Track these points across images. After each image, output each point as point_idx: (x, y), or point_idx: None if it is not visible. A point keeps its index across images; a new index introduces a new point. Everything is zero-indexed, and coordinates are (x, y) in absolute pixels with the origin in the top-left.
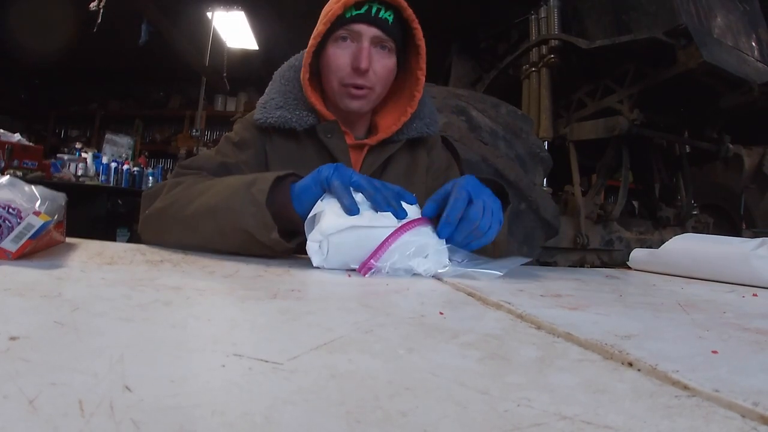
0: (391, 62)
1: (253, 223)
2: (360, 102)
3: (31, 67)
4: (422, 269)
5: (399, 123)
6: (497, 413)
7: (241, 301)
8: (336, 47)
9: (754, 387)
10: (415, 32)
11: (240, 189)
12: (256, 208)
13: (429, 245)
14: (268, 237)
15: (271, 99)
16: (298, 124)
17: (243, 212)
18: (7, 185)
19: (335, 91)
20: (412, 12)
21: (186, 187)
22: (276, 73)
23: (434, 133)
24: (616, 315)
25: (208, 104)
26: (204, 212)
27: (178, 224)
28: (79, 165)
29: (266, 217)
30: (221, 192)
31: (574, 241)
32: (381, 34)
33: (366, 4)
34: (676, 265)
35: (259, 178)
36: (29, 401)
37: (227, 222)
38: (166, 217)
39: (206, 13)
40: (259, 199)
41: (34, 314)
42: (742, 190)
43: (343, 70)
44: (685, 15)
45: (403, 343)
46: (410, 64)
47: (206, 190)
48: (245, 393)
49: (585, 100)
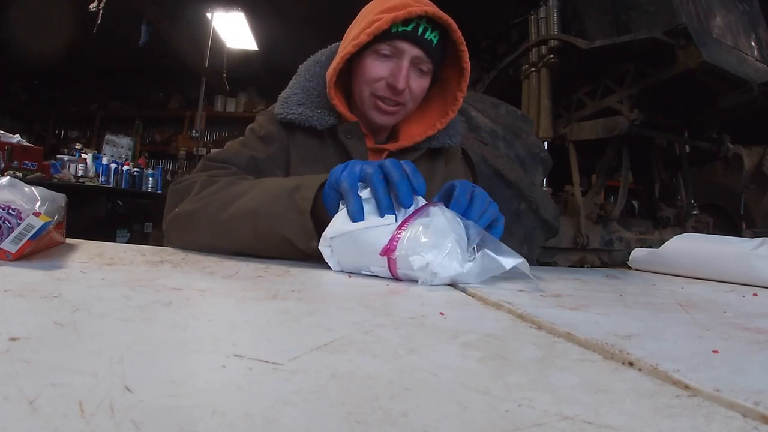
0: (426, 82)
1: (295, 230)
2: (389, 118)
3: (31, 67)
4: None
5: (424, 136)
6: (498, 413)
7: (241, 302)
8: (375, 59)
9: (755, 386)
10: (462, 54)
11: (283, 194)
12: (300, 215)
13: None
14: (308, 245)
15: (294, 94)
16: (318, 123)
17: (286, 218)
18: (7, 186)
19: (364, 99)
20: (461, 35)
21: (221, 187)
22: (301, 67)
23: (456, 144)
24: (617, 315)
25: (207, 105)
26: (243, 216)
27: (213, 227)
28: (79, 166)
29: (308, 224)
30: (261, 196)
31: (574, 241)
32: (423, 56)
33: (414, 21)
34: (676, 265)
35: (303, 185)
36: (29, 402)
37: (267, 227)
38: (199, 219)
39: (206, 14)
40: (303, 207)
41: (34, 315)
42: (742, 190)
43: (377, 83)
44: (685, 15)
45: (404, 344)
46: (448, 80)
47: (245, 193)
48: (245, 393)
49: (585, 100)
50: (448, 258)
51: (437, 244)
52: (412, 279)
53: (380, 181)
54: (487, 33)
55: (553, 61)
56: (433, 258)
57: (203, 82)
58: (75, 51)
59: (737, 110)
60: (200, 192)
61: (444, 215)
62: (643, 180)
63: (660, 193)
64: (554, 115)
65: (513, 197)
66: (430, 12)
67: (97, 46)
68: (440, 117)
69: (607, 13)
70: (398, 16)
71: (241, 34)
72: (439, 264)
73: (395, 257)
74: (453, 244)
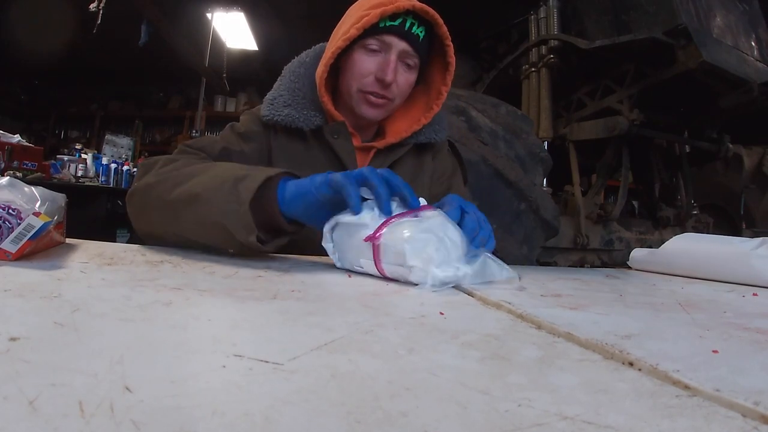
0: (413, 77)
1: (234, 220)
2: (377, 111)
3: (31, 68)
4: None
5: (410, 131)
6: (498, 413)
7: (241, 302)
8: (363, 54)
9: (754, 386)
10: (447, 49)
11: (227, 182)
12: (239, 206)
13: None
14: (246, 238)
15: (280, 96)
16: (305, 124)
17: (225, 208)
18: (7, 186)
19: (352, 95)
20: (446, 30)
21: (177, 167)
22: (286, 68)
23: (442, 139)
24: (617, 315)
25: (207, 105)
26: (186, 199)
27: (160, 207)
28: (79, 166)
29: (247, 217)
30: (208, 181)
31: (574, 241)
32: (410, 50)
33: (401, 17)
34: (676, 265)
35: (249, 175)
36: (29, 402)
37: (208, 214)
38: (149, 197)
39: (206, 14)
40: (244, 198)
41: (34, 315)
42: (742, 190)
43: (366, 77)
44: (685, 15)
45: (404, 344)
46: (431, 77)
47: (195, 175)
48: (245, 393)
49: (585, 100)
50: (433, 256)
51: (419, 239)
52: (397, 276)
53: (380, 179)
54: (487, 33)
55: (553, 61)
56: (410, 249)
57: (203, 82)
58: (75, 51)
59: (737, 110)
60: (160, 168)
61: (439, 218)
62: (643, 180)
63: (660, 193)
64: (554, 115)
65: (513, 197)
66: (417, 7)
67: (97, 46)
68: (424, 112)
69: (607, 13)
70: (386, 10)
71: (241, 34)
72: (423, 260)
73: (378, 244)
74: (437, 243)
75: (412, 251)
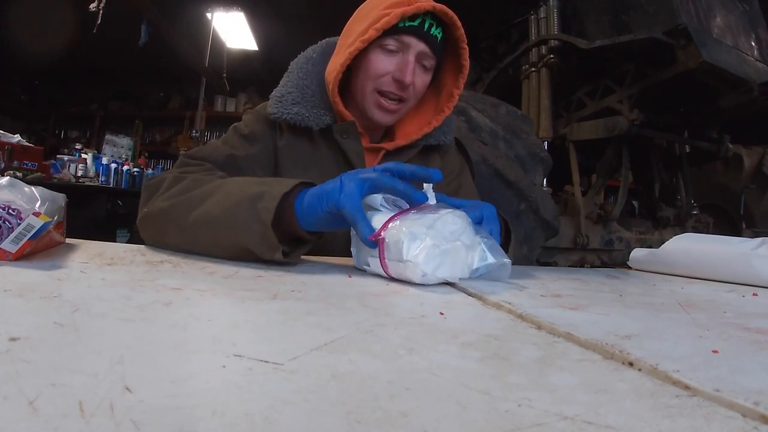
0: (428, 79)
1: (257, 241)
2: (390, 116)
3: (31, 68)
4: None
5: (420, 133)
6: (498, 413)
7: (241, 302)
8: (380, 53)
9: (754, 386)
10: (462, 52)
11: (244, 202)
12: (261, 227)
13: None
14: (272, 256)
15: (288, 93)
16: (314, 123)
17: (246, 230)
18: (7, 186)
19: (366, 95)
20: (464, 32)
21: (187, 187)
22: (292, 64)
23: (450, 141)
24: (617, 315)
25: (207, 105)
26: (205, 223)
27: (178, 231)
28: (79, 166)
29: (270, 237)
30: (224, 202)
31: (574, 241)
32: (428, 51)
33: (420, 17)
34: (676, 265)
35: (266, 193)
36: (29, 402)
37: (229, 237)
38: (166, 221)
39: (206, 14)
40: (265, 219)
41: (34, 315)
42: (742, 190)
43: (383, 77)
44: (685, 15)
45: (404, 344)
46: (443, 79)
47: (209, 195)
48: (245, 393)
49: (585, 100)
50: (432, 253)
51: (418, 233)
52: (399, 273)
53: (390, 180)
54: (487, 33)
55: (553, 61)
56: (408, 243)
57: (203, 82)
58: (75, 51)
59: (737, 110)
60: (168, 190)
61: (452, 216)
62: (643, 180)
63: (660, 193)
64: (554, 115)
65: (513, 197)
66: (437, 8)
67: (97, 46)
68: (435, 114)
69: (607, 13)
70: (407, 11)
71: (241, 34)
72: (424, 256)
73: (382, 237)
74: (438, 238)
75: (408, 246)
